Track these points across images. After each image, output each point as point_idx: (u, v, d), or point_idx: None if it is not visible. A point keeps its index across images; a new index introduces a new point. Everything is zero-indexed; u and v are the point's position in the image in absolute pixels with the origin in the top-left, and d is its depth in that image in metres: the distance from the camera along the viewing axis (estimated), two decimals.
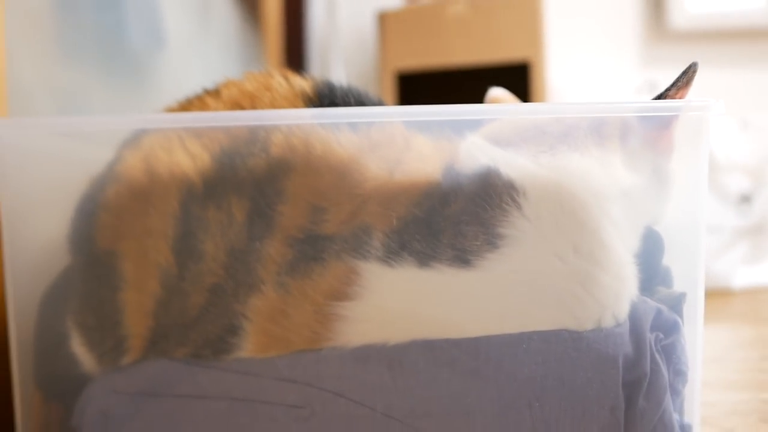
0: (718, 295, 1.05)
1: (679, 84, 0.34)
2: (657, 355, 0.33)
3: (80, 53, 0.62)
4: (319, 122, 0.34)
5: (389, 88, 1.19)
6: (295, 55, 1.35)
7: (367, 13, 1.43)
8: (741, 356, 0.70)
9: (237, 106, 0.37)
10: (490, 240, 0.33)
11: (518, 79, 1.13)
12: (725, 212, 1.09)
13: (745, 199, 1.09)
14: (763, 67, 1.45)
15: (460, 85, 1.16)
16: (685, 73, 0.34)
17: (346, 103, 0.38)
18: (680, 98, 0.35)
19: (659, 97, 0.35)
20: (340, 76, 1.34)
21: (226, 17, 1.08)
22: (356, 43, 1.48)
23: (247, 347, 0.35)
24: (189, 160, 0.35)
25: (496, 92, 0.47)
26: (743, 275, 1.09)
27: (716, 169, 1.09)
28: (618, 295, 0.33)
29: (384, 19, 1.20)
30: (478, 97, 1.06)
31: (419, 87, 1.19)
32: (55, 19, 0.58)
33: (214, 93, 0.39)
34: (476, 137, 0.35)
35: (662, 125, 0.34)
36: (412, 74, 1.19)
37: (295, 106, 0.37)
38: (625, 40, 1.50)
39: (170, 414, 0.35)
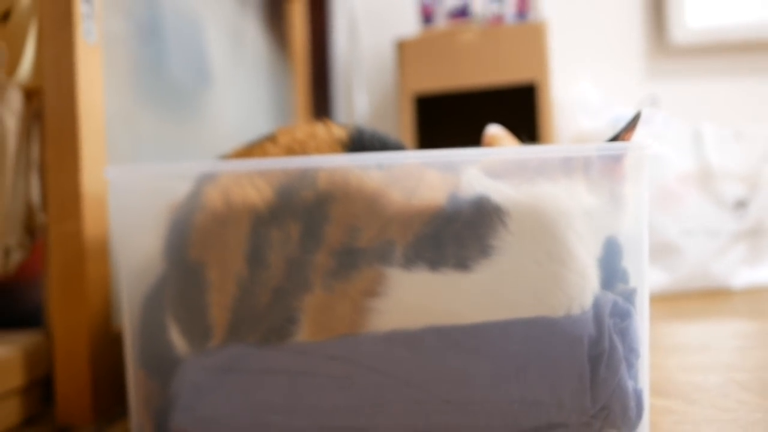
0: (718, 295, 1.09)
1: (627, 128, 0.42)
2: (614, 336, 0.40)
3: (148, 94, 0.73)
4: (354, 164, 0.42)
5: (408, 110, 1.22)
6: (321, 80, 1.40)
7: (386, 41, 1.46)
8: (728, 345, 0.74)
9: (290, 150, 0.46)
10: (484, 250, 0.40)
11: (526, 98, 1.17)
12: (722, 217, 1.12)
13: (741, 204, 1.13)
14: (757, 79, 1.46)
15: (473, 105, 1.19)
16: (632, 120, 0.42)
17: (372, 145, 0.46)
18: (628, 140, 0.42)
19: (614, 138, 0.44)
20: (362, 98, 1.41)
21: (258, 47, 1.15)
22: (377, 68, 1.50)
23: (302, 333, 0.42)
24: (256, 193, 0.43)
25: (493, 129, 0.53)
26: (742, 276, 1.12)
27: (713, 177, 1.12)
28: (582, 290, 0.40)
29: (402, 47, 1.23)
30: (489, 116, 1.17)
31: (436, 108, 1.22)
32: (132, 66, 0.69)
33: (272, 139, 0.47)
34: (473, 171, 0.42)
35: (615, 160, 0.41)
36: (429, 96, 1.22)
37: (334, 150, 0.46)
38: (629, 56, 1.50)
39: (245, 384, 0.43)
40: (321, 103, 1.40)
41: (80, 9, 0.51)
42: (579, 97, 1.31)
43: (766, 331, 0.80)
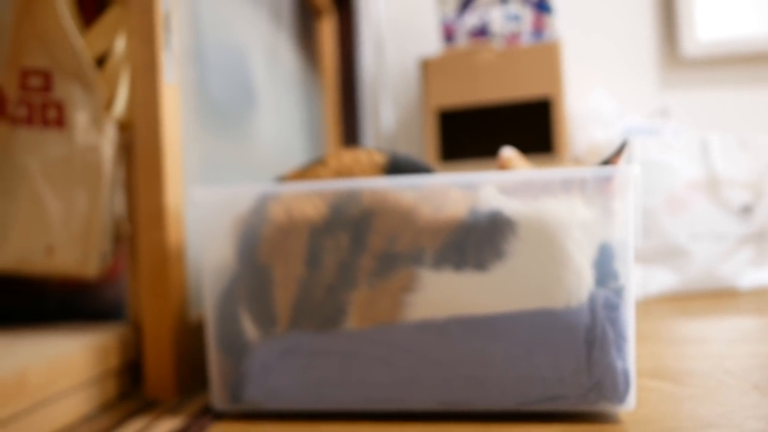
0: (724, 295, 1.15)
1: (616, 154, 0.51)
2: (606, 324, 0.47)
3: (209, 120, 0.83)
4: (392, 186, 0.50)
5: (432, 123, 1.29)
6: (349, 96, 1.47)
7: (410, 58, 1.54)
8: (724, 337, 0.78)
9: (338, 173, 0.56)
10: (498, 254, 0.48)
11: (541, 112, 1.24)
12: (729, 221, 1.18)
13: (747, 209, 1.18)
14: (766, 90, 1.50)
15: (492, 118, 1.27)
16: (620, 147, 0.51)
17: (406, 169, 0.55)
18: (616, 163, 0.51)
19: (605, 162, 0.53)
20: (388, 112, 1.49)
21: (292, 65, 1.23)
22: (402, 84, 1.57)
23: (350, 322, 0.50)
24: (312, 208, 0.52)
25: (507, 153, 0.60)
26: (748, 277, 1.18)
27: (719, 184, 1.18)
28: (579, 287, 0.47)
29: (426, 65, 1.31)
30: (507, 129, 1.26)
31: (457, 121, 1.29)
32: (196, 97, 0.79)
33: (323, 162, 0.57)
34: (489, 189, 0.50)
35: (606, 180, 0.48)
36: (451, 111, 1.29)
37: (374, 172, 0.55)
38: (641, 68, 1.54)
39: (304, 363, 0.52)
40: (349, 117, 1.49)
41: (163, 57, 0.61)
42: (593, 108, 1.37)
43: (764, 326, 0.85)
